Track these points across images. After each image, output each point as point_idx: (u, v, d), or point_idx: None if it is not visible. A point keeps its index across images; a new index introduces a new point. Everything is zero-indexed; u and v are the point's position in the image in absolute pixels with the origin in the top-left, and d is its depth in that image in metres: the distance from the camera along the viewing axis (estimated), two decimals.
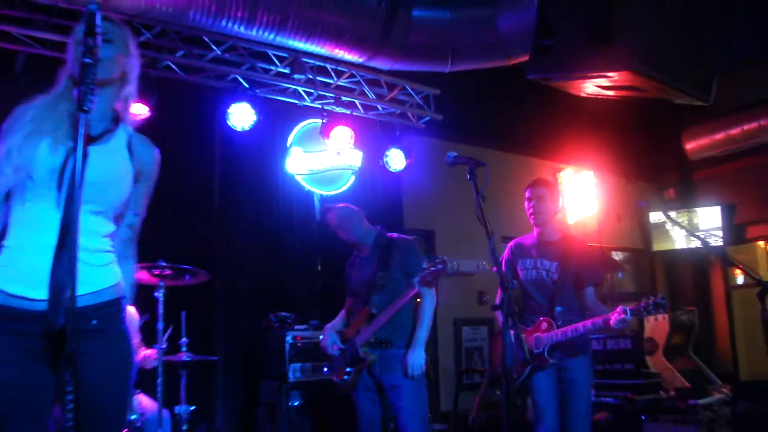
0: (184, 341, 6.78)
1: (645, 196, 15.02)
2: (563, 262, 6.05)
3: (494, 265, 4.64)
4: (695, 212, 14.29)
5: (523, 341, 5.12)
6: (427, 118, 10.46)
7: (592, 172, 13.81)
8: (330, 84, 9.55)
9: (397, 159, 10.07)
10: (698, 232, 13.82)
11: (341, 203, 6.76)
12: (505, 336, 4.45)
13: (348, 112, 9.81)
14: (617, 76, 5.38)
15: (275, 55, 8.98)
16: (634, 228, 15.01)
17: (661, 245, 14.55)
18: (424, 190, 10.90)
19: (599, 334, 5.83)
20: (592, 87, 5.81)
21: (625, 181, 14.84)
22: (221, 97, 8.84)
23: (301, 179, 9.84)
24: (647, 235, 14.84)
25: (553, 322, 5.89)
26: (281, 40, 8.02)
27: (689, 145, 13.87)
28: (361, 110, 10.05)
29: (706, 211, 14.18)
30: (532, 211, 6.19)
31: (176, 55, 8.42)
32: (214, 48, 8.61)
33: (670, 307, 12.07)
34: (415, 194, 10.91)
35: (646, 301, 5.58)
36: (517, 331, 4.59)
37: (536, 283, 6.11)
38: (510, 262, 6.34)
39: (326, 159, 9.82)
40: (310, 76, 9.24)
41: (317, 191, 9.95)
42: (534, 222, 6.23)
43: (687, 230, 14.15)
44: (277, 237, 9.55)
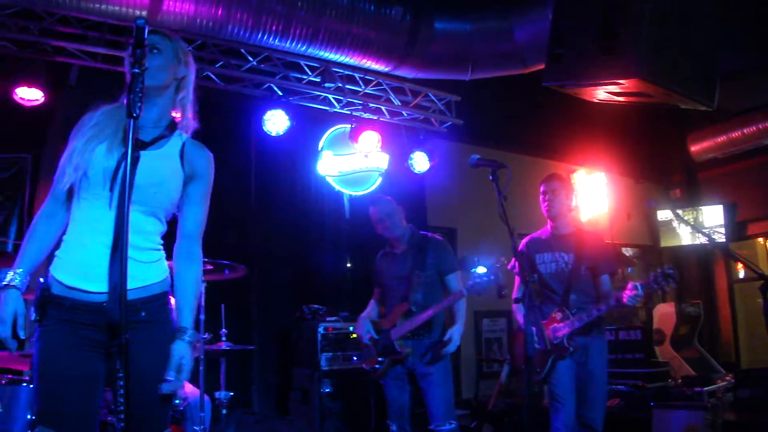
0: (223, 332, 6.79)
1: (653, 196, 14.95)
2: (578, 252, 5.99)
3: (517, 260, 4.63)
4: (700, 210, 14.21)
5: (544, 332, 5.10)
6: (449, 123, 10.45)
7: (603, 173, 13.78)
8: (358, 92, 9.56)
9: (421, 161, 10.07)
10: (703, 229, 13.76)
11: (385, 197, 6.69)
12: (526, 327, 4.44)
13: (375, 118, 9.83)
14: (626, 84, 5.37)
15: (307, 65, 9.02)
16: (642, 225, 14.94)
17: (668, 242, 14.47)
18: (447, 190, 10.90)
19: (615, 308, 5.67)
20: (604, 93, 5.80)
21: (633, 182, 14.77)
22: (257, 105, 8.95)
23: (331, 180, 9.89)
24: (655, 232, 14.76)
25: (567, 311, 5.84)
26: (313, 52, 8.05)
27: (694, 148, 13.82)
28: (387, 116, 10.06)
29: (710, 210, 14.10)
30: (546, 205, 6.15)
31: (215, 66, 8.49)
32: (251, 59, 8.68)
33: (678, 300, 12.06)
34: (438, 194, 10.91)
35: (655, 273, 5.49)
36: (539, 323, 4.58)
37: (555, 276, 6.05)
38: (527, 256, 6.27)
39: (355, 161, 9.86)
40: (340, 85, 9.27)
41: (346, 191, 9.99)
42: (548, 215, 6.19)
43: (693, 227, 14.09)
44: (309, 234, 9.59)
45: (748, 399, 7.99)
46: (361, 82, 9.50)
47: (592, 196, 13.64)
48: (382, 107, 9.94)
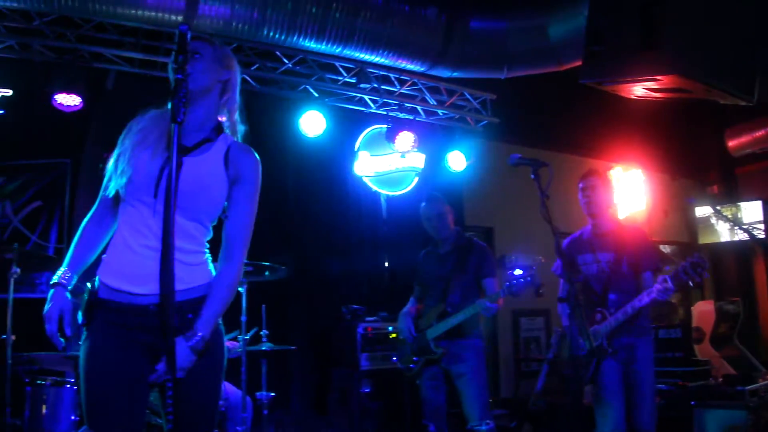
0: (264, 332, 6.82)
1: (690, 192, 14.86)
2: (618, 250, 5.84)
3: (558, 258, 4.60)
4: (739, 207, 14.08)
5: (588, 334, 5.03)
6: (485, 122, 10.44)
7: (640, 170, 13.70)
8: (394, 92, 9.59)
9: (457, 160, 10.06)
10: (743, 226, 13.64)
11: (438, 197, 6.66)
12: (570, 329, 4.41)
13: (411, 118, 9.85)
14: (665, 80, 5.33)
15: (342, 66, 9.05)
16: (680, 222, 14.84)
17: (706, 238, 14.35)
18: (483, 189, 10.89)
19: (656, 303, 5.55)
20: (641, 90, 5.75)
21: (670, 178, 14.69)
22: (293, 107, 8.99)
23: (368, 181, 9.93)
24: (693, 229, 14.66)
25: (606, 311, 5.71)
26: (348, 53, 8.07)
27: (731, 143, 13.66)
28: (423, 115, 10.08)
29: (749, 206, 13.96)
30: (585, 202, 6.00)
31: (251, 69, 8.54)
32: (286, 61, 8.74)
33: (716, 297, 11.98)
34: (475, 193, 10.90)
35: (684, 264, 5.32)
36: (582, 323, 4.53)
37: (596, 277, 5.91)
38: (569, 256, 6.05)
39: (391, 161, 9.88)
40: (375, 85, 9.29)
41: (383, 192, 10.01)
42: (587, 212, 6.04)
43: (734, 224, 13.96)
44: (347, 235, 9.61)
45: None
46: (396, 82, 9.52)
47: (629, 193, 13.56)
48: (418, 107, 9.95)
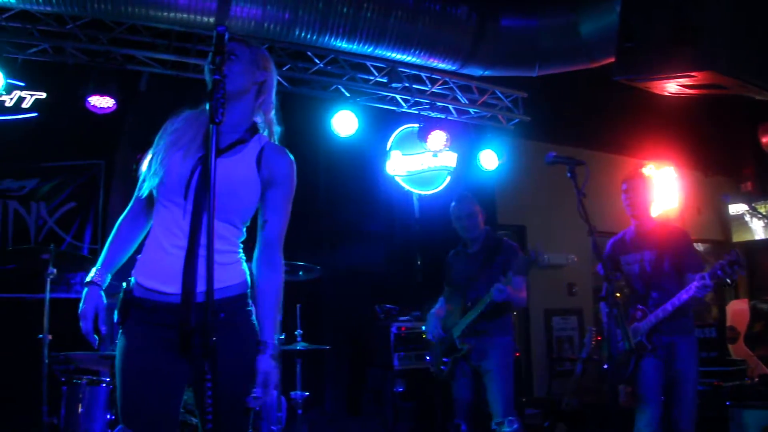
0: (298, 332, 6.83)
1: (723, 189, 14.74)
2: (660, 249, 5.86)
3: (598, 259, 4.58)
4: None
5: (628, 332, 5.01)
6: (516, 120, 10.40)
7: (672, 168, 13.59)
8: (425, 91, 9.56)
9: (489, 159, 10.02)
10: None
11: (468, 196, 6.64)
12: (609, 327, 4.39)
13: (442, 117, 9.80)
14: (699, 76, 5.30)
15: (373, 66, 9.04)
16: (713, 220, 14.70)
17: (740, 236, 14.22)
18: (516, 188, 10.86)
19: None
20: (675, 86, 5.71)
21: (702, 175, 14.56)
22: (325, 107, 8.99)
23: (400, 180, 9.92)
24: (727, 227, 14.54)
25: (646, 309, 5.73)
26: (380, 52, 8.06)
27: (765, 139, 13.54)
28: (455, 114, 10.04)
29: None
30: (628, 203, 6.09)
31: (283, 70, 8.54)
32: (317, 61, 8.74)
33: (750, 296, 11.87)
34: (507, 192, 10.86)
35: (721, 262, 5.32)
36: (622, 322, 4.51)
37: (639, 276, 5.95)
38: (611, 257, 6.20)
39: (423, 161, 9.86)
40: (407, 84, 9.27)
41: (415, 191, 10.00)
42: (630, 213, 6.12)
43: None
44: (379, 234, 9.60)
45: None
46: (427, 82, 9.49)
47: (662, 191, 13.46)
48: (450, 106, 9.91)
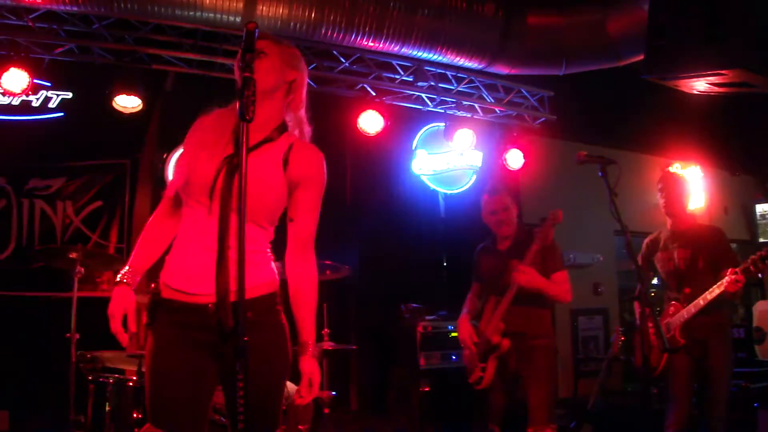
0: (326, 332, 6.81)
1: (749, 188, 14.64)
2: (695, 247, 5.87)
3: (630, 258, 4.54)
4: None
5: (662, 330, 4.98)
6: (542, 119, 10.35)
7: (698, 167, 13.51)
8: (451, 90, 9.53)
9: (515, 158, 9.97)
10: None
11: (503, 189, 6.28)
12: (641, 326, 4.36)
13: (468, 116, 9.77)
14: (729, 74, 5.27)
15: (399, 65, 9.01)
16: (740, 220, 14.59)
17: (767, 236, 14.14)
18: (541, 187, 10.80)
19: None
20: (704, 85, 5.70)
21: (729, 174, 14.46)
22: (351, 105, 8.98)
23: (426, 179, 9.94)
24: (754, 227, 14.44)
25: (680, 305, 5.74)
26: (406, 51, 8.06)
27: None
28: (480, 113, 10.00)
29: None
30: (663, 201, 6.09)
31: (309, 69, 8.52)
32: (343, 60, 8.73)
33: None
34: (533, 191, 10.79)
35: (753, 257, 5.35)
36: (655, 321, 4.47)
37: (673, 273, 5.95)
38: (646, 256, 6.23)
39: (449, 160, 9.86)
40: (432, 83, 9.25)
41: (441, 190, 10.01)
42: (665, 211, 6.13)
43: None
44: (405, 233, 9.61)
45: None
46: (453, 80, 9.46)
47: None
48: (475, 105, 9.87)
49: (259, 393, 2.95)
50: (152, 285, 3.20)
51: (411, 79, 9.16)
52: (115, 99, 7.77)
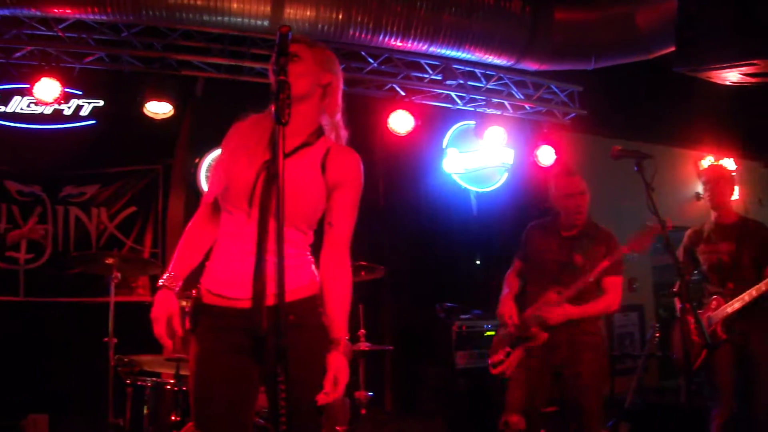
0: (362, 333, 6.82)
1: None
2: (740, 242, 5.85)
3: (668, 253, 4.48)
4: None
5: (703, 325, 4.91)
6: (573, 114, 10.32)
7: (732, 159, 13.42)
8: (480, 87, 9.52)
9: (546, 154, 9.95)
10: None
11: (576, 171, 5.91)
12: (682, 321, 4.32)
13: (498, 113, 9.76)
14: (762, 64, 5.24)
15: (428, 64, 9.02)
16: None
17: None
18: None
19: None
20: (736, 75, 5.68)
21: (763, 166, 14.34)
22: (381, 106, 9.02)
23: (457, 178, 9.94)
24: None
25: (722, 299, 5.70)
26: (434, 50, 8.07)
27: None
28: (510, 110, 9.98)
29: None
30: (709, 195, 6.07)
31: None
32: (371, 61, 8.77)
33: None
34: None
35: None
36: (696, 316, 4.43)
37: (715, 267, 5.93)
38: (688, 248, 6.19)
39: (480, 158, 9.86)
40: (461, 82, 9.25)
41: (473, 188, 10.00)
42: (711, 205, 6.11)
43: None
44: (438, 232, 9.60)
45: None
46: (482, 78, 9.45)
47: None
48: (505, 102, 9.86)
49: (302, 395, 2.97)
50: (193, 291, 3.24)
51: (440, 78, 9.17)
52: (146, 105, 7.86)
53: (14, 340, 7.76)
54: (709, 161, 13.00)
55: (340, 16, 7.39)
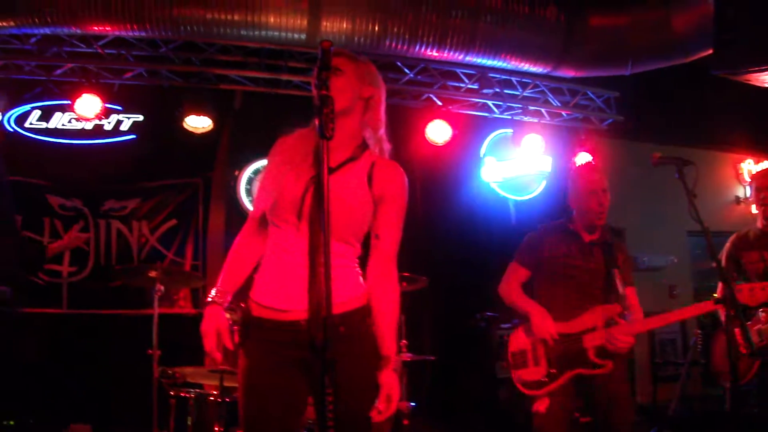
0: (404, 343, 6.84)
1: None
2: None
3: (712, 260, 4.39)
4: None
5: (749, 335, 4.78)
6: (610, 120, 10.29)
7: None
8: (516, 95, 9.53)
9: (584, 161, 9.92)
10: None
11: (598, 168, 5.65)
12: (727, 331, 4.22)
13: (535, 121, 9.75)
14: None
15: (463, 73, 9.05)
16: None
17: None
18: (612, 190, 10.71)
19: None
20: None
21: None
22: (418, 116, 9.06)
23: (495, 186, 9.95)
24: None
25: None
26: (470, 59, 8.08)
27: None
28: (547, 117, 9.95)
29: None
30: (760, 201, 5.77)
31: None
32: (407, 71, 8.82)
33: None
34: None
35: None
36: (742, 325, 4.32)
37: (764, 274, 5.58)
38: (732, 255, 5.90)
39: (518, 166, 9.86)
40: (498, 90, 9.26)
41: (511, 197, 9.99)
42: (762, 213, 5.77)
43: None
44: (477, 241, 9.57)
45: None
46: (518, 86, 9.45)
47: None
48: (542, 109, 9.85)
49: (352, 407, 3.00)
50: (242, 304, 3.28)
51: (476, 87, 9.17)
52: (186, 119, 7.97)
53: (57, 351, 7.86)
54: (749, 164, 12.91)
55: (376, 28, 7.43)
